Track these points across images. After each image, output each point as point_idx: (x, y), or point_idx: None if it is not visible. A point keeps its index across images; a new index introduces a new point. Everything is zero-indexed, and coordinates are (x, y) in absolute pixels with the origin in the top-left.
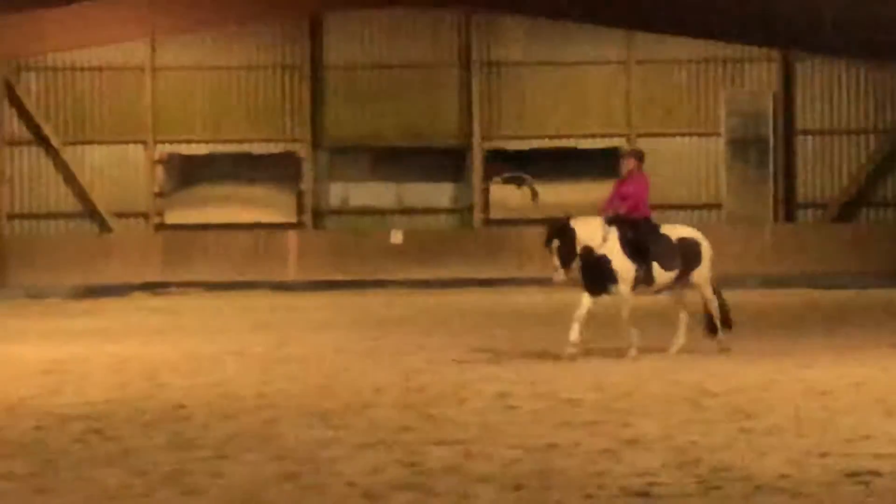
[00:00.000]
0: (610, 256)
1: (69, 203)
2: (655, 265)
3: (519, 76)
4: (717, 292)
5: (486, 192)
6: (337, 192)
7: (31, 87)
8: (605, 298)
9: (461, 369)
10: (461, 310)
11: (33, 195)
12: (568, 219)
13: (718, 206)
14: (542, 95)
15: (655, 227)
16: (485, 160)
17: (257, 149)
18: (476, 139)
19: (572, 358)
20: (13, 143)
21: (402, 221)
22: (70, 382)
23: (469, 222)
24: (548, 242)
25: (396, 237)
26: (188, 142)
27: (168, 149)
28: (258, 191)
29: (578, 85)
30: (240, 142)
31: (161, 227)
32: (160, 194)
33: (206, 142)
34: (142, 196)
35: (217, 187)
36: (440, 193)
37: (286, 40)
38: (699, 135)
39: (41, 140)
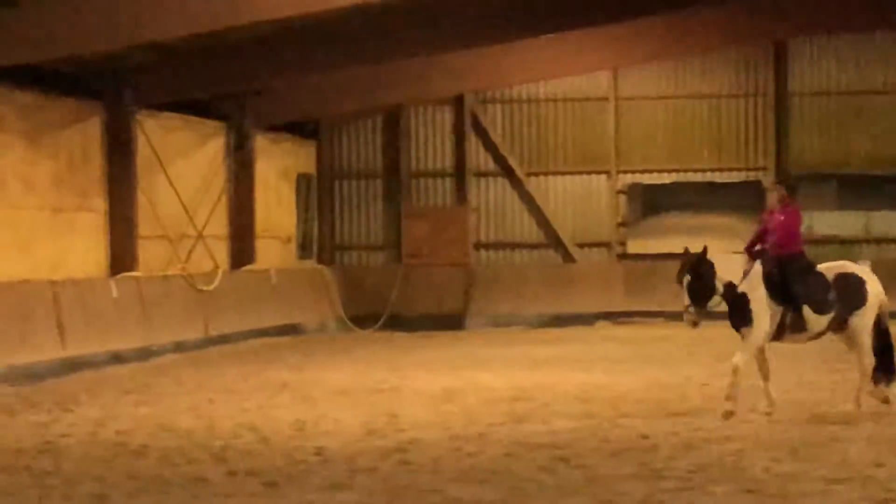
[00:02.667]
0: (749, 295)
1: (533, 233)
2: (806, 309)
3: None
4: (883, 334)
5: None
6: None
7: (496, 119)
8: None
9: None
10: None
11: (499, 225)
12: (705, 252)
13: None
14: None
15: (808, 264)
16: None
17: (720, 177)
18: None
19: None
20: (479, 174)
21: (870, 251)
22: (536, 410)
23: None
24: (679, 277)
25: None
26: (650, 171)
27: (630, 178)
28: (721, 220)
29: None
30: (702, 171)
31: (623, 256)
32: (622, 224)
33: (669, 171)
34: (604, 226)
35: (679, 216)
36: None
37: (749, 68)
38: None
39: (506, 171)
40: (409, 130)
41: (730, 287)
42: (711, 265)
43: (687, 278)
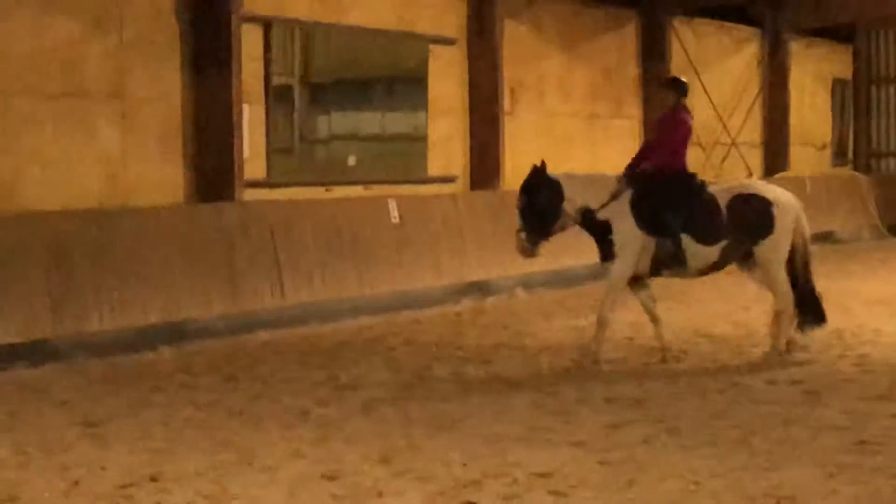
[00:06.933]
0: (613, 224)
1: None
2: (686, 238)
3: None
4: (802, 276)
5: None
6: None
7: None
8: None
9: None
10: None
11: None
12: (543, 169)
13: None
14: None
15: (691, 184)
16: None
17: None
18: None
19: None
20: None
21: None
22: None
23: None
24: (519, 200)
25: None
26: None
27: None
28: None
29: None
30: None
31: None
32: None
33: None
34: None
35: None
36: None
37: None
38: None
39: None
40: None
41: (588, 213)
42: (557, 186)
43: (524, 200)
